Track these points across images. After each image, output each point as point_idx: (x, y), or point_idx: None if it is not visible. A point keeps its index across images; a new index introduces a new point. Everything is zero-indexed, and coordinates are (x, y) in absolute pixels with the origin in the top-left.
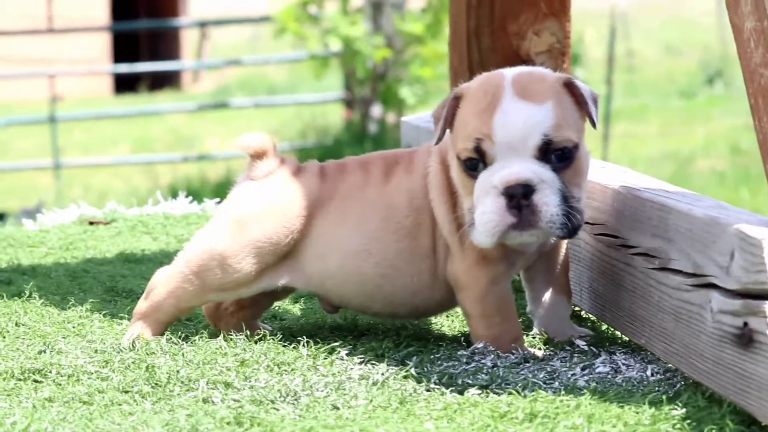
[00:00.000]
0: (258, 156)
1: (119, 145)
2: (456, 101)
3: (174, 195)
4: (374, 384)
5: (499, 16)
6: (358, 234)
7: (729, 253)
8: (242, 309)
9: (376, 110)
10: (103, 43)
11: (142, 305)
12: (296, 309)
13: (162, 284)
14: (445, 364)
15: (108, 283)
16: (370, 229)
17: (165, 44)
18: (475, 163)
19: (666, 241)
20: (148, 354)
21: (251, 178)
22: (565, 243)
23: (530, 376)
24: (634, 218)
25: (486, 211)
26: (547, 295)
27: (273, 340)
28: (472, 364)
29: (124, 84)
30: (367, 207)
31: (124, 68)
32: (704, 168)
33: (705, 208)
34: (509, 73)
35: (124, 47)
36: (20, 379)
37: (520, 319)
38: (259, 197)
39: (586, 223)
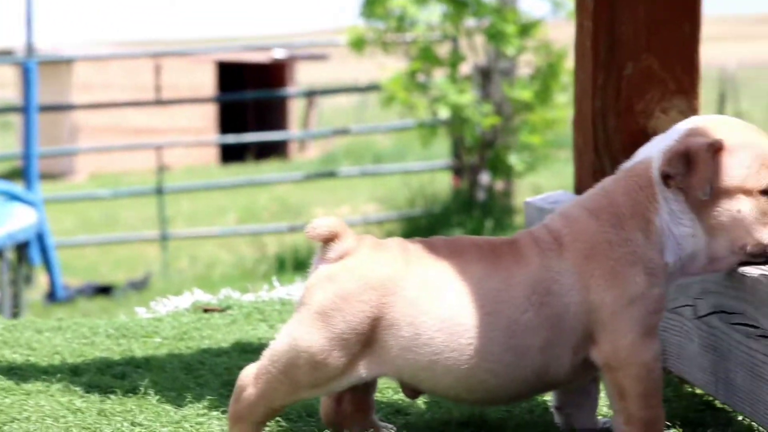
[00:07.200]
0: (330, 240)
1: (226, 216)
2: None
3: (281, 265)
4: None
5: (626, 96)
6: (456, 327)
7: None
8: (360, 409)
9: (485, 178)
10: (210, 113)
11: (234, 408)
12: (420, 402)
13: (251, 385)
14: None
15: (225, 377)
16: (472, 324)
17: (272, 113)
18: None
19: None
20: None
21: (325, 261)
22: None
23: None
24: None
25: None
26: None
27: None
28: None
29: (231, 153)
30: (465, 298)
31: (231, 139)
32: None
33: None
34: None
35: (231, 117)
36: None
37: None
38: (336, 284)
39: (722, 311)
